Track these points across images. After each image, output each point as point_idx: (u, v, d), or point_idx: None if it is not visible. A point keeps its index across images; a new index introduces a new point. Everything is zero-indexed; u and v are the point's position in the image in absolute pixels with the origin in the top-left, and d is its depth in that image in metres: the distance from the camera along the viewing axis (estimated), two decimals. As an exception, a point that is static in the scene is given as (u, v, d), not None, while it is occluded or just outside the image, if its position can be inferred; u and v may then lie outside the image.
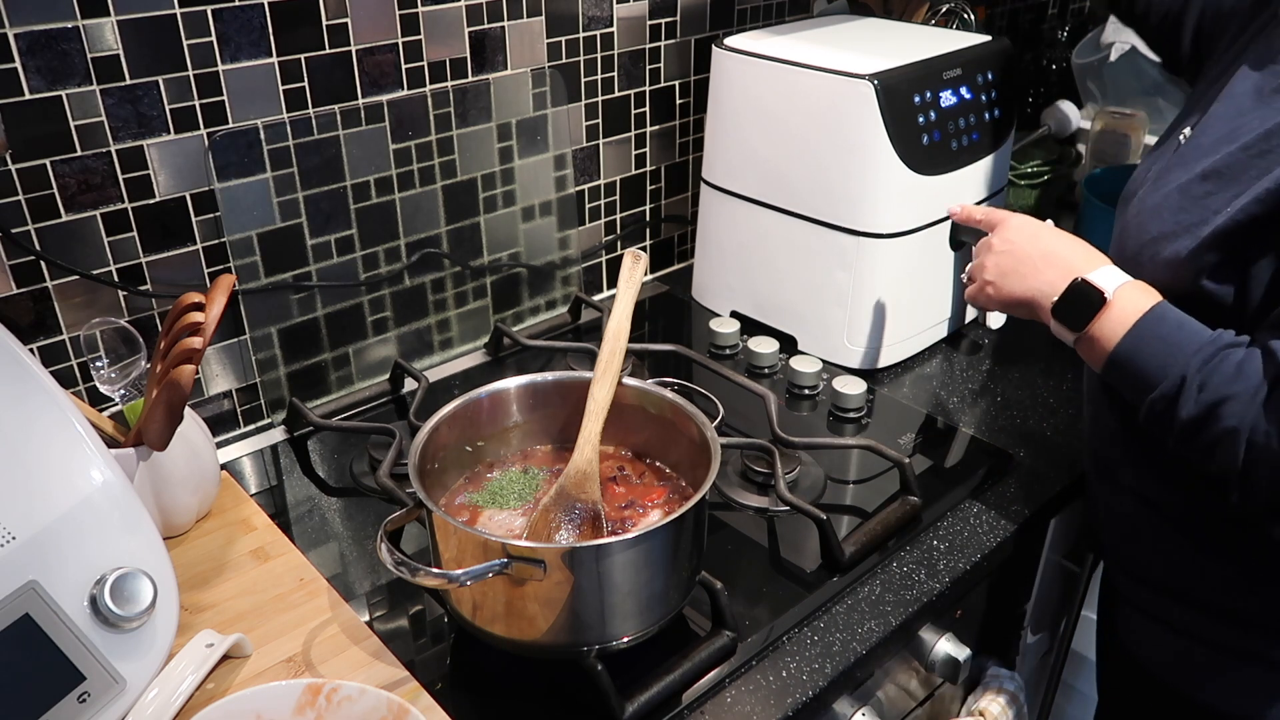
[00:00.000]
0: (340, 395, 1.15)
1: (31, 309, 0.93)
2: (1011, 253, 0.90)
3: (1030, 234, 0.90)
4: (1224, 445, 0.72)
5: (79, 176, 0.91)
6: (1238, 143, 0.77)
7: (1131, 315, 0.78)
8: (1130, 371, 0.78)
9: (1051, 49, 1.95)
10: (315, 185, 1.06)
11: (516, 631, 0.74)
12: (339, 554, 0.93)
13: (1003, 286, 0.89)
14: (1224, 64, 0.88)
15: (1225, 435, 0.72)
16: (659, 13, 1.30)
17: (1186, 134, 0.84)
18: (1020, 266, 0.88)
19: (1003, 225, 0.93)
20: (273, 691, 0.68)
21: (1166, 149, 0.88)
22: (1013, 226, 0.92)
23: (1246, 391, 0.71)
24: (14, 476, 0.68)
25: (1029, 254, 0.88)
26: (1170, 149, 0.86)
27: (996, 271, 0.90)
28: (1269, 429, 0.70)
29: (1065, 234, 0.89)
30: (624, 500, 0.85)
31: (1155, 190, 0.82)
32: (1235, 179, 0.75)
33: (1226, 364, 0.72)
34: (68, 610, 0.67)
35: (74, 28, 0.87)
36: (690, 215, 1.47)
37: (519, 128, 1.21)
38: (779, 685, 0.79)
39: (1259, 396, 0.70)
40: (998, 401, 1.16)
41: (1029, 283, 0.87)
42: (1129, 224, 0.85)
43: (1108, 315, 0.79)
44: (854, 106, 1.09)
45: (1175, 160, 0.82)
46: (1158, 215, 0.80)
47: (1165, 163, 0.84)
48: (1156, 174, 0.84)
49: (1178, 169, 0.81)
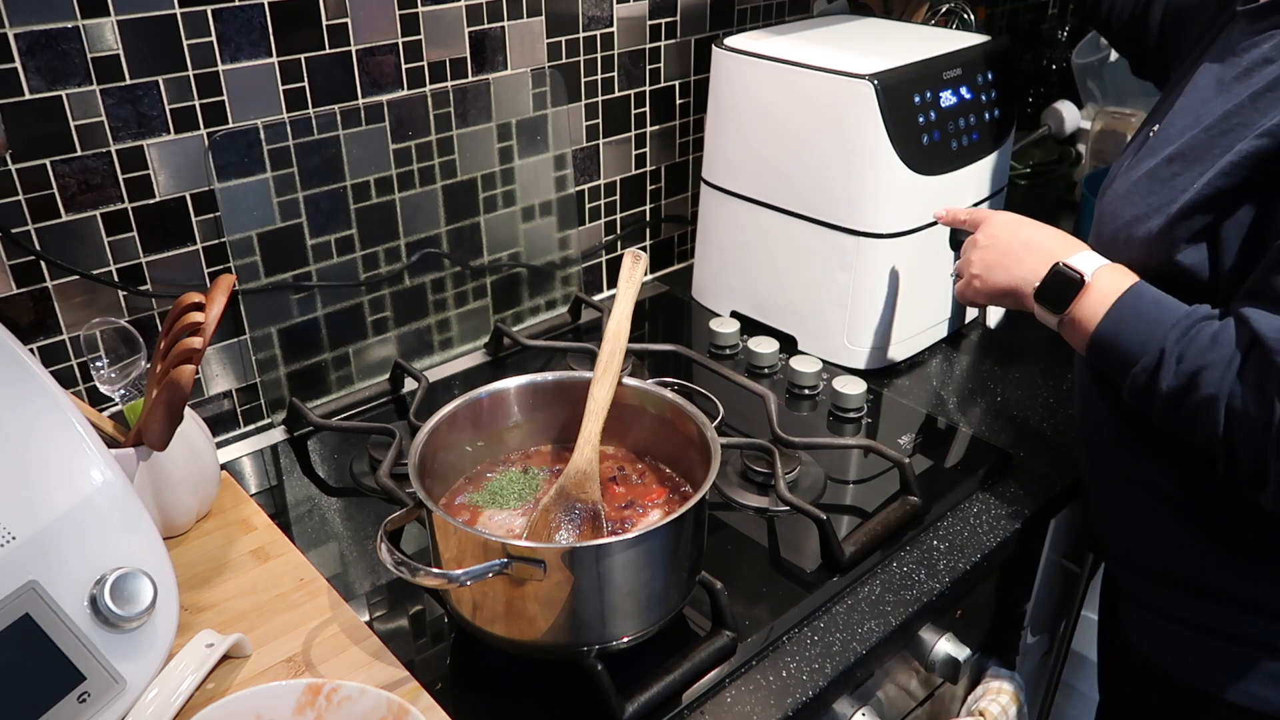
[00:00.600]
0: (340, 395, 1.15)
1: (31, 309, 0.93)
2: (994, 246, 0.93)
3: (1011, 227, 0.93)
4: (1204, 414, 0.74)
5: (79, 176, 0.91)
6: (1200, 126, 0.80)
7: (1110, 295, 0.81)
8: (1112, 349, 0.81)
9: (1051, 49, 1.95)
10: (315, 185, 1.06)
11: (516, 631, 0.74)
12: (339, 554, 0.93)
13: (988, 279, 0.92)
14: (1187, 65, 0.92)
15: (1204, 404, 0.74)
16: (659, 13, 1.30)
17: (1155, 130, 0.87)
18: (1003, 258, 0.91)
19: (986, 222, 0.96)
20: (273, 691, 0.68)
21: (1136, 143, 0.92)
22: (995, 222, 0.95)
23: (1222, 360, 0.73)
24: (14, 476, 0.68)
25: (1011, 245, 0.91)
26: (1140, 143, 0.90)
27: (982, 265, 0.93)
28: (1244, 393, 0.72)
29: (1045, 225, 0.92)
30: (624, 500, 0.85)
31: (1125, 178, 0.86)
32: (1200, 158, 0.78)
33: (1203, 335, 0.75)
34: (68, 610, 0.67)
35: (74, 28, 0.87)
36: (690, 215, 1.47)
37: (519, 128, 1.21)
38: (779, 685, 0.79)
39: (1234, 364, 0.72)
40: (998, 401, 1.16)
41: (1012, 273, 0.90)
42: (1104, 211, 0.88)
43: (1087, 297, 0.82)
44: (854, 106, 1.09)
45: (1145, 152, 0.86)
46: (1129, 200, 0.84)
47: (1135, 156, 0.88)
48: (1128, 166, 0.88)
49: (1146, 159, 0.84)
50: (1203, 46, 0.91)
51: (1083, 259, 0.84)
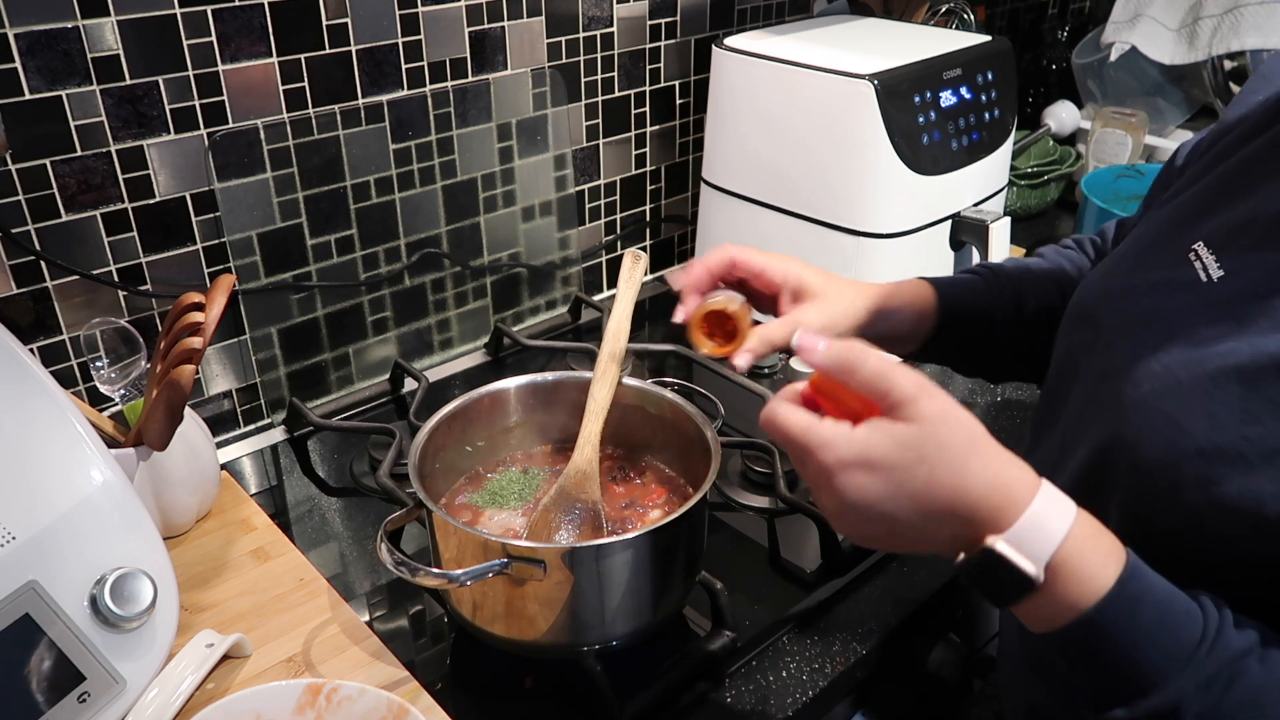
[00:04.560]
0: (340, 395, 1.15)
1: (31, 309, 0.93)
2: (864, 513, 0.53)
3: (883, 490, 0.51)
4: None
5: (79, 176, 0.91)
6: None
7: (1082, 598, 0.50)
8: (1082, 663, 0.52)
9: (1051, 49, 1.95)
10: (315, 185, 1.06)
11: (516, 631, 0.74)
12: (339, 554, 0.93)
13: (865, 542, 0.56)
14: (1226, 165, 0.64)
15: None
16: (659, 13, 1.29)
17: (1207, 259, 0.58)
18: (890, 532, 0.53)
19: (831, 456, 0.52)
20: (273, 691, 0.68)
21: (1168, 251, 0.61)
22: (852, 464, 0.52)
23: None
24: (14, 476, 0.68)
25: (895, 516, 0.52)
26: (1177, 261, 0.60)
27: (847, 528, 0.55)
28: None
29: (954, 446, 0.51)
30: (624, 500, 0.85)
31: (1181, 349, 0.54)
32: None
33: (1239, 689, 0.49)
34: (68, 610, 0.67)
35: (74, 28, 0.87)
36: (690, 215, 1.47)
37: (519, 128, 1.21)
38: (779, 685, 0.79)
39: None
40: (998, 401, 1.16)
41: (909, 545, 0.55)
42: (1142, 401, 0.55)
43: (1042, 598, 0.51)
44: (854, 106, 1.09)
45: (1205, 304, 0.55)
46: (1203, 411, 0.52)
47: (1186, 301, 0.57)
48: (1166, 298, 0.58)
49: (1217, 327, 0.54)
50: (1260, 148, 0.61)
51: (1027, 534, 0.50)
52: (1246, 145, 0.63)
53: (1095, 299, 0.66)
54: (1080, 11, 2.09)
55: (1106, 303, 0.64)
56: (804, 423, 0.54)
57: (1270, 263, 0.54)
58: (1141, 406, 0.55)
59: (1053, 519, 0.50)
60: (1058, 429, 0.67)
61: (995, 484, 0.51)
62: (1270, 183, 0.58)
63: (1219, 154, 0.66)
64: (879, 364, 0.52)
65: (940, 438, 0.51)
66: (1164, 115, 1.67)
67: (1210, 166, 0.66)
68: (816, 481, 0.54)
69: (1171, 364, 0.55)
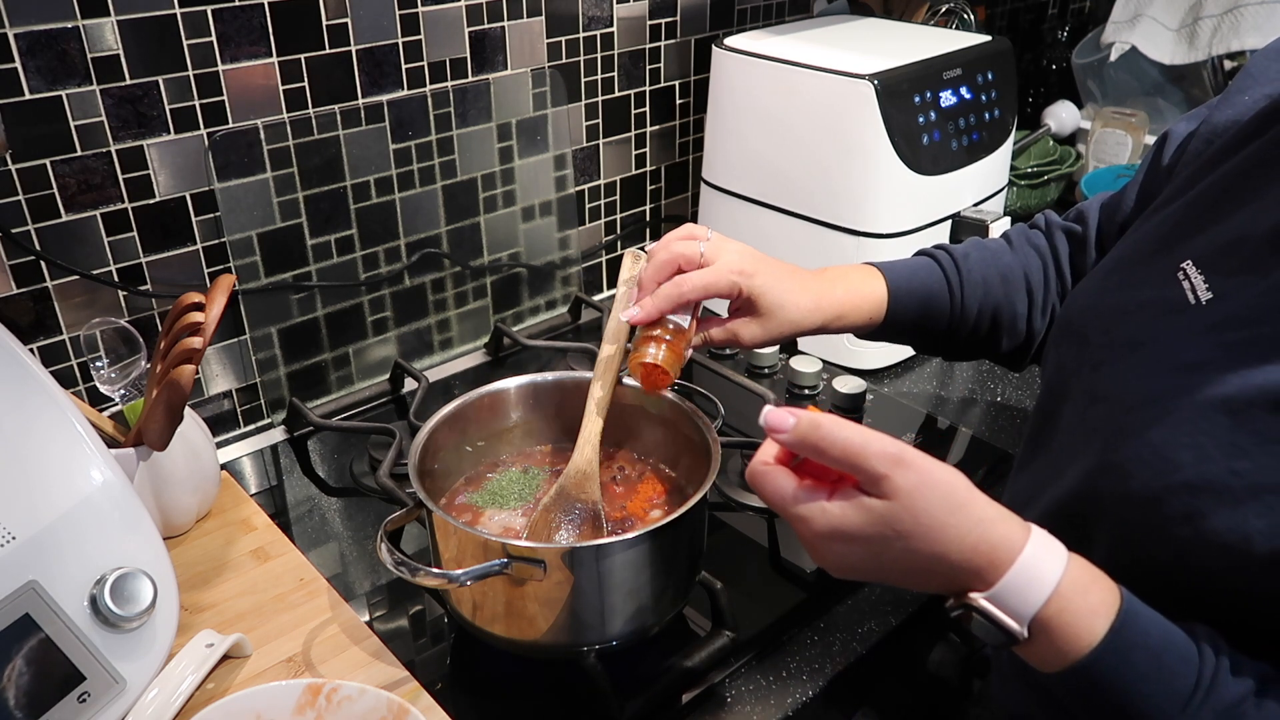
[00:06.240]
0: (340, 395, 1.15)
1: (31, 309, 0.93)
2: (851, 570, 0.56)
3: (863, 557, 0.54)
4: None
5: (79, 176, 0.91)
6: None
7: (1072, 649, 0.50)
8: (1079, 703, 0.52)
9: (1051, 49, 1.95)
10: (315, 185, 1.06)
11: (516, 631, 0.74)
12: (339, 554, 0.93)
13: (854, 577, 0.57)
14: (1214, 176, 0.63)
15: None
16: (659, 13, 1.29)
17: (1195, 280, 0.56)
18: (881, 580, 0.57)
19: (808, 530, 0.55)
20: (273, 691, 0.68)
21: (1156, 269, 0.60)
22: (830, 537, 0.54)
23: None
24: (14, 476, 0.68)
25: (882, 573, 0.55)
26: (1165, 280, 0.58)
27: (839, 575, 0.57)
28: None
29: (930, 517, 0.51)
30: (624, 500, 0.85)
31: (1170, 376, 0.54)
32: None
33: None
34: (68, 610, 0.67)
35: (74, 28, 0.87)
36: (690, 215, 1.47)
37: (519, 128, 1.21)
38: (779, 685, 0.79)
39: None
40: (998, 401, 1.16)
41: (904, 587, 0.60)
42: (1130, 430, 0.54)
43: (1031, 650, 0.52)
44: (854, 106, 1.09)
45: (1193, 330, 0.54)
46: (1190, 443, 0.51)
47: (1174, 326, 0.56)
48: (1154, 321, 0.57)
49: (1205, 355, 0.53)
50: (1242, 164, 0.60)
51: (1013, 591, 0.50)
52: (1235, 155, 0.62)
53: (1082, 315, 0.66)
54: (1080, 11, 2.09)
55: (1095, 321, 0.63)
56: (782, 494, 0.55)
57: (1258, 287, 0.53)
58: (1129, 436, 0.55)
59: (1042, 572, 0.50)
60: (1050, 447, 0.67)
61: (976, 548, 0.51)
62: (1259, 200, 0.57)
63: (1208, 161, 0.65)
64: (847, 443, 0.52)
65: (915, 511, 0.51)
66: (1164, 115, 1.67)
67: (1200, 175, 0.65)
68: (802, 541, 0.57)
69: (1159, 393, 0.54)
